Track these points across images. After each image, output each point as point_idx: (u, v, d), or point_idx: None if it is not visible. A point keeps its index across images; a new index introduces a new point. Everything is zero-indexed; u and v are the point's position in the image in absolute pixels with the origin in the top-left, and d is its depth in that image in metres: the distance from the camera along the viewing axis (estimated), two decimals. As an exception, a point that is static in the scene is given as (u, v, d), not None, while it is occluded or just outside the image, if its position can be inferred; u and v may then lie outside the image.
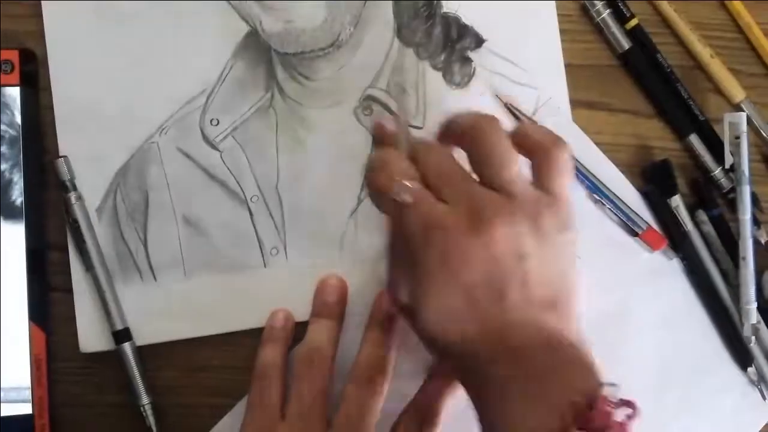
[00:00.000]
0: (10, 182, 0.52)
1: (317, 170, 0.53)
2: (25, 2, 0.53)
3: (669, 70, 0.55)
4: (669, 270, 0.55)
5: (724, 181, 0.55)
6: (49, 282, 0.53)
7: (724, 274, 0.55)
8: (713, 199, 0.55)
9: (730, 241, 0.55)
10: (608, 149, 0.55)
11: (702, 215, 0.55)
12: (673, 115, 0.55)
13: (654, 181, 0.55)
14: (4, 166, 0.52)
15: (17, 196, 0.52)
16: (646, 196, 0.55)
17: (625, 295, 0.55)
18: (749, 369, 0.55)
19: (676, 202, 0.55)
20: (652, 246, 0.54)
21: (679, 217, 0.55)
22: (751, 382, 0.55)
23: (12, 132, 0.52)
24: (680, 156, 0.56)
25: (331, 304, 0.52)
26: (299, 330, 0.53)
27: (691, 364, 0.55)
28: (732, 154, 0.53)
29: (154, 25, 0.53)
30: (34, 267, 0.52)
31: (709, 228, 0.55)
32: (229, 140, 0.53)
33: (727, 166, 0.54)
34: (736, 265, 0.54)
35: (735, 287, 0.54)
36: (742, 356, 0.55)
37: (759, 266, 0.54)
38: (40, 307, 0.52)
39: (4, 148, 0.52)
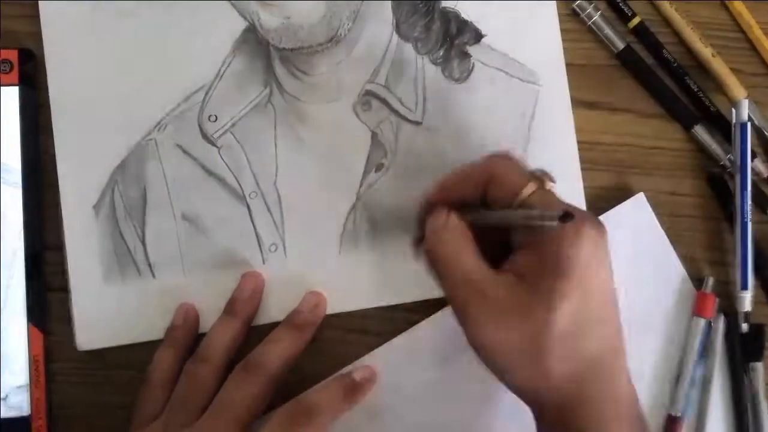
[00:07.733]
0: (8, 182, 0.52)
1: (316, 166, 0.53)
2: (25, 2, 0.53)
3: (675, 64, 0.55)
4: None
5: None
6: (47, 282, 0.53)
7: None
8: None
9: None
10: (609, 149, 0.55)
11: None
12: (677, 109, 0.55)
13: (744, 343, 0.54)
14: (2, 166, 0.52)
15: (16, 196, 0.52)
16: (731, 354, 0.54)
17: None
18: None
19: (757, 368, 0.54)
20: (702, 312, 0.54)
21: (754, 383, 0.54)
22: None
23: (11, 132, 0.52)
24: (679, 155, 0.55)
25: (244, 301, 0.52)
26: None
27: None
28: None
29: (151, 22, 0.53)
30: (33, 267, 0.52)
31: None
32: (227, 136, 0.53)
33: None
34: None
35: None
36: None
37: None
38: (39, 308, 0.52)
39: (2, 148, 0.52)
